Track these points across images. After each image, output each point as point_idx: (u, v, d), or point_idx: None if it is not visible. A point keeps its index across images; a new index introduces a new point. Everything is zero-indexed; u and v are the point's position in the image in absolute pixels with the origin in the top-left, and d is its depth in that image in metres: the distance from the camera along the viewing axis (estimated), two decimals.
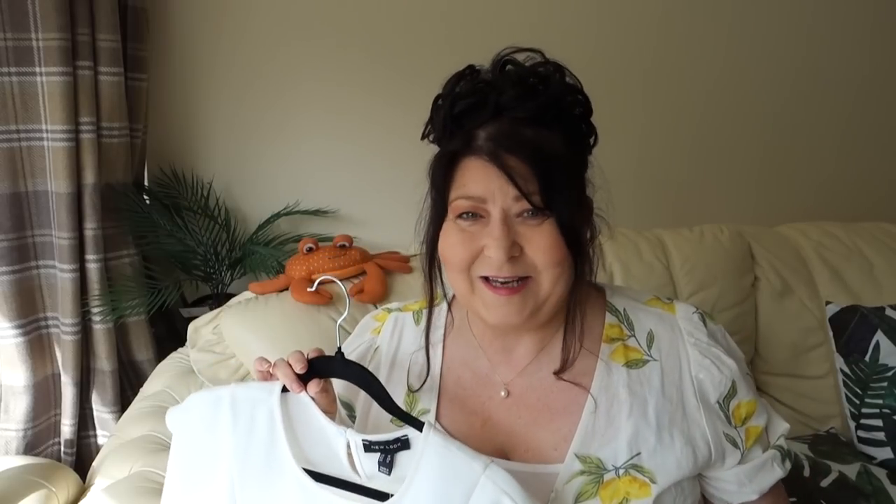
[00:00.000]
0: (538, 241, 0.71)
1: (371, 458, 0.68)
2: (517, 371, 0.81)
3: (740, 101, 2.11)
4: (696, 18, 2.04)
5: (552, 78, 0.73)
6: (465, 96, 0.74)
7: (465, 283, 0.75)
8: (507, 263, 0.71)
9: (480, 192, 0.71)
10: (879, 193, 2.23)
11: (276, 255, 1.73)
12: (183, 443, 0.74)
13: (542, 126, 0.72)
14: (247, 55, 1.84)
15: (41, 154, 1.52)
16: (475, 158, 0.72)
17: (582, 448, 0.75)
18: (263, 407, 0.71)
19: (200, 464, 0.72)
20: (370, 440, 0.68)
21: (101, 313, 1.60)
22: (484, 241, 0.72)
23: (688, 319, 0.81)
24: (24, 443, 1.59)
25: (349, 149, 1.94)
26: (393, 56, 1.89)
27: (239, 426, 0.71)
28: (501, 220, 0.71)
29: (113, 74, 1.56)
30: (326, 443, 0.70)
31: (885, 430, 1.34)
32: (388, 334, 0.90)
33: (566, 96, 0.73)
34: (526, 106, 0.71)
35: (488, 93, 0.72)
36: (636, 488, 0.72)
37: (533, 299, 0.73)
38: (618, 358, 0.79)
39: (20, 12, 1.44)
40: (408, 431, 0.68)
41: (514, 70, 0.74)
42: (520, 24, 1.91)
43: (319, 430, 0.71)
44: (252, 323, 1.32)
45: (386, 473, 0.67)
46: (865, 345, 1.38)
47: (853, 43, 2.14)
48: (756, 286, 1.51)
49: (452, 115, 0.74)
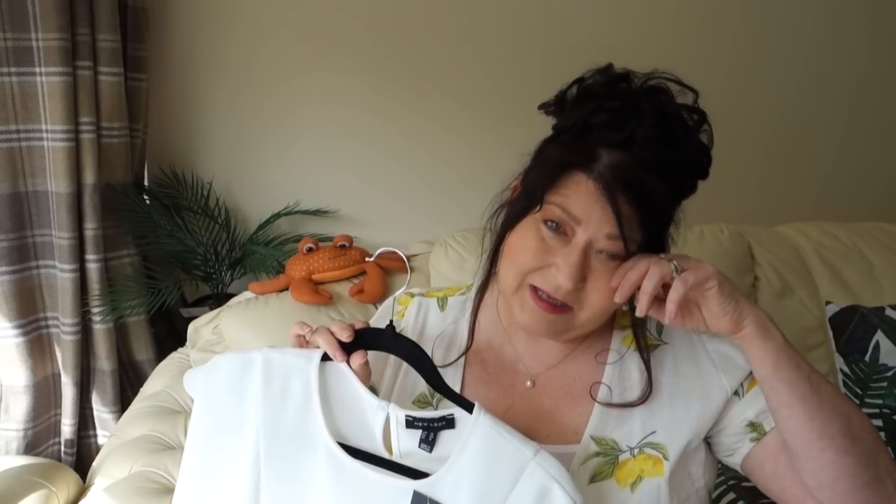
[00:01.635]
0: (604, 280, 0.71)
1: (412, 434, 0.67)
2: (545, 366, 0.82)
3: (740, 102, 2.11)
4: (696, 19, 2.04)
5: (694, 134, 0.72)
6: (607, 109, 0.70)
7: (515, 281, 0.74)
8: (570, 292, 0.71)
9: (579, 214, 0.69)
10: (879, 193, 2.23)
11: (276, 255, 1.73)
12: (205, 407, 0.71)
13: (662, 174, 0.69)
14: (247, 55, 1.84)
15: (41, 154, 1.52)
16: (589, 178, 0.69)
17: (597, 430, 0.77)
18: (300, 375, 0.69)
19: (224, 431, 0.70)
20: (414, 416, 0.66)
21: (101, 313, 1.60)
22: (556, 260, 0.71)
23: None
24: (25, 443, 1.59)
25: (349, 149, 1.94)
26: (393, 56, 1.89)
27: (271, 392, 0.69)
28: (583, 249, 0.70)
29: (113, 74, 1.56)
30: (362, 416, 0.69)
31: (885, 430, 1.35)
32: (413, 317, 0.90)
33: (700, 158, 0.72)
34: (658, 151, 0.68)
35: (630, 118, 0.69)
36: (650, 465, 0.74)
37: (566, 325, 0.74)
38: (630, 343, 0.81)
39: (20, 12, 1.44)
40: (454, 411, 0.67)
41: (662, 104, 0.71)
42: (520, 28, 1.91)
43: (356, 402, 0.69)
44: (252, 323, 1.32)
45: (427, 451, 0.66)
46: (865, 345, 1.38)
47: (854, 44, 2.14)
48: (756, 286, 1.51)
49: (585, 122, 0.71)
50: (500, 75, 1.92)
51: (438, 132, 1.96)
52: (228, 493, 0.69)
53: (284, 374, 0.69)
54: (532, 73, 1.85)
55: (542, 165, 0.74)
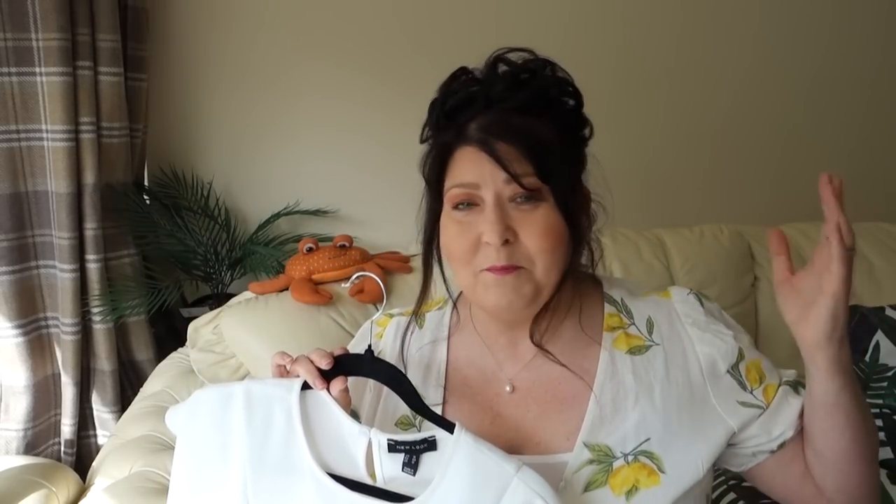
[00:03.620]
0: (531, 227, 0.72)
1: (395, 458, 0.67)
2: (522, 364, 0.81)
3: (741, 102, 2.11)
4: (696, 20, 2.04)
5: (540, 71, 0.75)
6: (456, 92, 0.76)
7: (469, 276, 0.76)
8: (503, 249, 0.72)
9: (473, 179, 0.73)
10: (880, 194, 2.23)
11: (276, 255, 1.73)
12: (189, 442, 0.71)
13: (531, 116, 0.73)
14: (247, 55, 1.84)
15: (41, 154, 1.52)
16: (466, 148, 0.74)
17: (590, 436, 0.75)
18: (281, 405, 0.69)
19: (209, 464, 0.70)
20: (396, 440, 0.66)
21: (101, 313, 1.60)
22: (481, 228, 0.73)
23: (683, 301, 0.82)
24: (24, 443, 1.59)
25: (349, 149, 1.94)
26: (394, 56, 1.89)
27: (254, 424, 0.69)
28: (495, 203, 0.72)
29: (113, 74, 1.56)
30: (343, 443, 0.69)
31: (885, 430, 1.34)
32: (391, 338, 0.90)
33: (554, 87, 0.75)
34: (515, 97, 0.73)
35: (479, 88, 0.75)
36: (645, 476, 0.73)
37: (529, 284, 0.74)
38: (620, 345, 0.80)
39: (20, 12, 1.44)
40: (435, 432, 0.67)
41: (505, 67, 0.76)
42: (520, 28, 1.91)
43: (336, 429, 0.69)
44: (252, 323, 1.32)
45: (410, 474, 0.66)
46: (865, 345, 1.38)
47: (854, 44, 2.14)
48: (756, 286, 1.51)
49: (445, 111, 0.76)
50: None
51: None
52: None
53: (266, 404, 0.70)
54: None
55: (427, 165, 0.79)
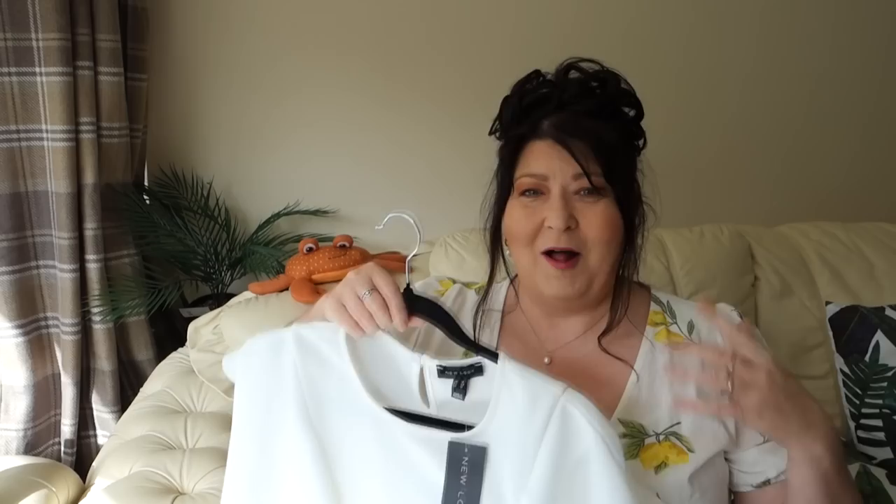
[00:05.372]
0: (592, 217, 0.79)
1: (444, 383, 0.69)
2: (562, 344, 0.87)
3: (742, 103, 2.11)
4: (700, 22, 2.04)
5: (610, 82, 0.81)
6: (532, 92, 0.82)
7: (528, 257, 0.82)
8: (564, 234, 0.78)
9: (543, 170, 0.80)
10: (880, 194, 2.23)
11: (276, 255, 1.73)
12: (246, 388, 0.74)
13: (600, 119, 0.79)
14: (247, 55, 1.84)
15: (41, 154, 1.52)
16: (540, 142, 0.81)
17: (625, 414, 0.80)
18: (331, 346, 0.71)
19: (270, 406, 0.72)
20: (444, 365, 0.69)
21: (101, 313, 1.60)
22: (545, 214, 0.79)
23: (726, 316, 0.84)
24: (25, 443, 1.59)
25: (349, 149, 1.94)
26: (395, 55, 1.89)
27: (309, 366, 0.71)
28: (560, 194, 0.78)
29: (113, 74, 1.56)
30: (397, 372, 0.71)
31: (884, 430, 1.34)
32: (451, 300, 0.95)
33: (622, 98, 0.82)
34: (586, 101, 0.80)
35: (553, 90, 0.81)
36: (675, 454, 0.77)
37: (584, 275, 0.80)
38: (661, 339, 0.85)
39: (20, 12, 1.44)
40: (481, 359, 0.69)
41: (576, 74, 0.82)
42: (526, 23, 1.91)
43: (391, 358, 0.71)
44: (252, 323, 1.32)
45: (460, 398, 0.68)
46: (865, 345, 1.38)
47: (857, 46, 2.14)
48: (756, 286, 1.51)
49: (521, 107, 0.83)
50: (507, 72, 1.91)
51: (439, 132, 1.96)
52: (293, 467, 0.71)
53: (317, 346, 0.72)
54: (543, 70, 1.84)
55: (503, 152, 0.86)
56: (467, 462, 0.65)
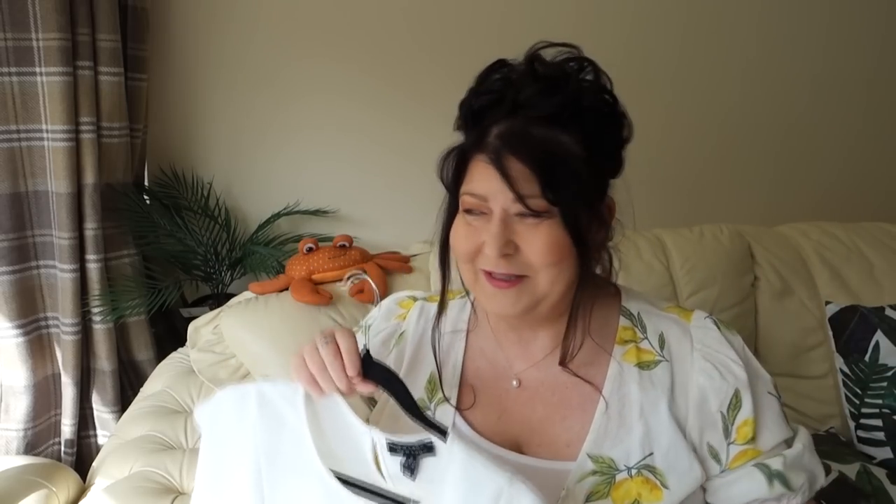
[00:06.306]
0: (534, 242, 0.72)
1: (395, 459, 0.67)
2: (531, 363, 0.82)
3: (741, 103, 2.11)
4: (698, 21, 2.04)
5: (575, 75, 0.72)
6: (485, 92, 0.75)
7: (470, 274, 0.77)
8: (501, 260, 0.72)
9: (483, 191, 0.73)
10: (880, 194, 2.23)
11: (276, 255, 1.73)
12: (213, 438, 0.74)
13: (557, 126, 0.71)
14: (247, 55, 1.84)
15: (41, 154, 1.52)
16: (482, 156, 0.73)
17: (594, 448, 0.74)
18: (290, 405, 0.71)
19: (230, 459, 0.72)
20: (394, 441, 0.67)
21: (101, 313, 1.60)
22: (484, 237, 0.73)
23: (700, 327, 0.79)
24: (25, 443, 1.59)
25: (350, 149, 1.94)
26: (395, 55, 1.89)
27: (267, 424, 0.71)
28: (500, 219, 0.72)
29: (113, 74, 1.56)
30: (354, 440, 0.69)
31: (884, 429, 1.34)
32: (415, 320, 0.90)
33: (588, 94, 0.72)
34: (543, 103, 0.71)
35: (508, 89, 0.73)
36: (647, 491, 0.72)
37: (529, 295, 0.74)
38: (630, 359, 0.79)
39: (20, 12, 1.44)
40: (431, 438, 0.67)
41: (535, 66, 0.73)
42: (528, 22, 1.91)
43: (347, 427, 0.70)
44: (252, 323, 1.32)
45: (409, 478, 0.66)
46: (865, 345, 1.38)
47: (854, 45, 2.14)
48: (756, 286, 1.51)
49: (472, 111, 0.76)
50: None
51: (440, 133, 1.96)
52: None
53: (276, 403, 0.71)
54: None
55: (444, 167, 0.78)
56: None
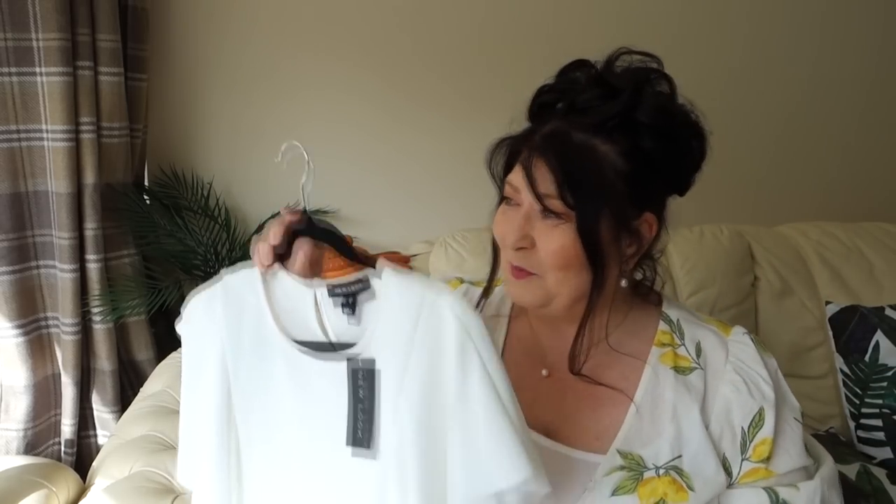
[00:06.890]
0: (547, 242, 0.75)
1: (337, 303, 0.68)
2: (563, 354, 0.82)
3: (740, 102, 2.11)
4: (695, 20, 2.04)
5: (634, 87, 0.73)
6: (552, 90, 0.78)
7: (504, 261, 0.81)
8: (517, 252, 0.76)
9: (517, 182, 0.76)
10: (880, 195, 2.23)
11: None
12: (187, 345, 0.76)
13: (602, 134, 0.73)
14: (247, 55, 1.84)
15: (41, 154, 1.52)
16: (525, 151, 0.76)
17: (625, 445, 0.76)
18: (250, 287, 0.72)
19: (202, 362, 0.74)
20: (333, 283, 0.68)
21: (101, 313, 1.60)
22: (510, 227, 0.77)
23: (738, 342, 0.80)
24: (25, 443, 1.59)
25: (350, 148, 1.94)
26: (396, 55, 1.89)
27: (230, 312, 0.72)
28: (525, 212, 0.76)
29: (113, 74, 1.56)
30: (299, 305, 0.70)
31: (884, 429, 1.35)
32: None
33: (643, 107, 0.73)
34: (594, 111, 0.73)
35: (571, 92, 0.75)
36: (674, 491, 0.72)
37: (540, 291, 0.77)
38: (667, 361, 0.80)
39: (20, 12, 1.44)
40: (367, 274, 0.68)
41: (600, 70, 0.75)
42: (529, 21, 1.91)
43: (292, 293, 0.71)
44: None
45: (350, 314, 0.68)
46: (865, 345, 1.38)
47: (857, 46, 2.14)
48: (756, 286, 1.51)
49: (537, 106, 0.79)
50: (509, 71, 1.91)
51: (440, 132, 1.96)
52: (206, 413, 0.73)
53: (239, 291, 0.73)
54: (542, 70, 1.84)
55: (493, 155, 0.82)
56: (363, 377, 0.66)
